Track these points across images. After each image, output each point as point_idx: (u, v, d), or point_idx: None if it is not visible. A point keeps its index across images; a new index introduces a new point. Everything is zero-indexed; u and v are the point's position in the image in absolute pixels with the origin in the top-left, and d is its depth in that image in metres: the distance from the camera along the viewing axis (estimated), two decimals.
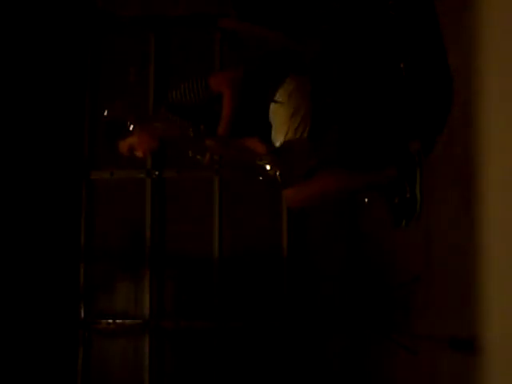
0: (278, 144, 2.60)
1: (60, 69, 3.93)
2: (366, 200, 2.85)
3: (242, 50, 3.43)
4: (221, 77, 2.63)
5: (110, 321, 3.95)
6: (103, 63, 4.08)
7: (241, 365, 3.90)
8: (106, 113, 2.67)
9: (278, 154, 2.56)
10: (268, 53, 2.94)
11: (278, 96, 2.57)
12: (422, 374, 2.57)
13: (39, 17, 3.82)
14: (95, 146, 4.04)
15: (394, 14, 2.46)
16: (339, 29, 3.02)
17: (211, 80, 2.59)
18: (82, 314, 3.95)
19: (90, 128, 4.04)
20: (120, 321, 3.95)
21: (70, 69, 3.99)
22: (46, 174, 3.82)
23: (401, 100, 2.53)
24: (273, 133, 2.62)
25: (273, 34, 3.09)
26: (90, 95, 4.04)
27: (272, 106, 2.58)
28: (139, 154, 2.64)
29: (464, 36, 2.09)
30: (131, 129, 2.57)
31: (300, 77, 2.63)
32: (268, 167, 2.51)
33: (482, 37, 1.89)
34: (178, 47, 4.11)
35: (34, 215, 3.73)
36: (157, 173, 3.95)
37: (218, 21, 3.25)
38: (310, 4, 3.15)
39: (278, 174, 2.51)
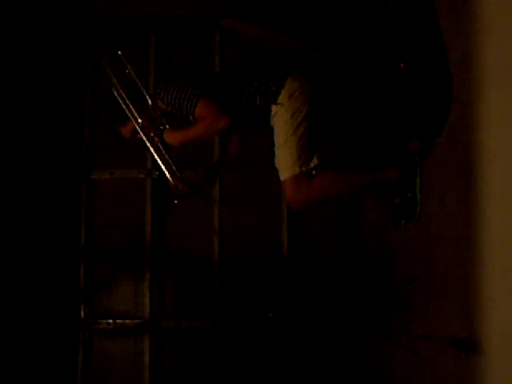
0: (279, 144, 2.61)
1: (60, 69, 3.93)
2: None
3: (241, 50, 3.43)
4: (210, 109, 2.52)
5: (110, 321, 3.95)
6: (102, 60, 4.07)
7: (241, 365, 3.91)
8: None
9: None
10: (269, 56, 2.94)
11: (280, 98, 2.56)
12: (422, 374, 2.57)
13: (39, 17, 3.82)
14: (95, 145, 4.04)
15: (394, 14, 2.46)
16: (339, 29, 3.02)
17: (200, 104, 2.52)
18: (82, 314, 3.95)
19: (90, 128, 4.04)
20: (120, 321, 3.95)
21: (70, 69, 3.99)
22: (46, 174, 3.82)
23: (401, 100, 2.53)
24: (274, 133, 2.63)
25: (273, 33, 3.09)
26: (90, 95, 4.04)
27: (273, 107, 2.58)
28: (139, 136, 2.64)
29: (464, 36, 2.09)
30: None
31: (300, 77, 2.63)
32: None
33: (482, 37, 1.89)
34: (178, 47, 4.11)
35: (35, 215, 3.73)
36: (157, 173, 3.95)
37: (221, 20, 3.25)
38: (310, 4, 3.15)
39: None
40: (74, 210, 3.99)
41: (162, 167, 2.61)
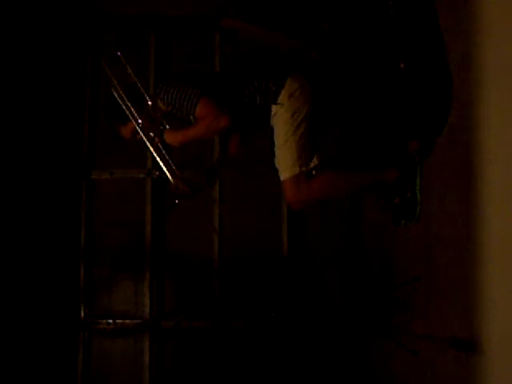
0: (279, 144, 2.60)
1: (60, 69, 3.93)
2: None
3: (241, 50, 3.43)
4: (210, 109, 2.52)
5: (110, 321, 3.95)
6: (101, 61, 4.07)
7: (241, 365, 3.91)
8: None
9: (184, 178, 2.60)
10: (269, 56, 2.94)
11: (280, 98, 2.56)
12: (422, 374, 2.57)
13: (39, 17, 3.82)
14: (95, 146, 4.04)
15: (394, 14, 2.46)
16: (339, 29, 3.02)
17: (200, 104, 2.52)
18: (82, 314, 3.95)
19: (90, 128, 4.04)
20: (120, 321, 3.95)
21: (70, 69, 3.99)
22: (46, 174, 3.82)
23: (401, 100, 2.53)
24: (274, 133, 2.63)
25: (273, 34, 3.09)
26: (90, 95, 4.04)
27: (273, 107, 2.58)
28: (139, 137, 2.64)
29: (464, 36, 2.09)
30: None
31: (300, 77, 2.62)
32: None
33: (482, 37, 1.89)
34: (178, 47, 4.11)
35: (35, 215, 3.73)
36: (157, 173, 3.95)
37: (221, 20, 3.25)
38: (310, 4, 3.15)
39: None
40: (74, 210, 3.99)
41: (163, 167, 2.61)
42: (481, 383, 1.87)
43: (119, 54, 2.63)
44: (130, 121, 2.60)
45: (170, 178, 2.60)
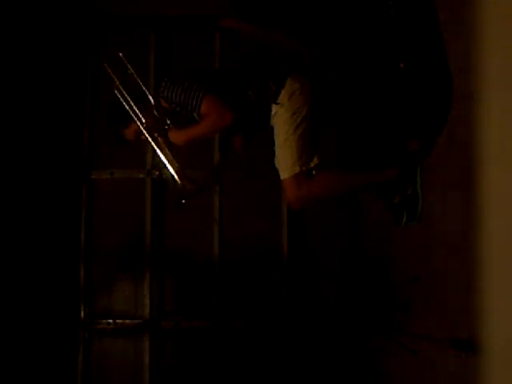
0: (279, 144, 2.60)
1: (60, 69, 3.93)
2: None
3: (241, 50, 3.42)
4: (215, 105, 2.53)
5: (110, 321, 3.95)
6: (103, 63, 4.07)
7: (241, 365, 3.90)
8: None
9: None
10: (269, 56, 2.94)
11: (280, 98, 2.56)
12: (422, 374, 2.57)
13: (39, 17, 3.82)
14: (95, 146, 4.04)
15: (394, 13, 2.46)
16: (339, 29, 3.02)
17: (205, 101, 2.53)
18: (82, 314, 3.95)
19: (90, 128, 4.04)
20: (120, 321, 3.95)
21: (70, 69, 3.99)
22: (46, 174, 3.82)
23: (400, 100, 2.53)
24: (275, 133, 2.63)
25: (272, 34, 3.09)
26: (90, 95, 4.04)
27: (274, 107, 2.58)
28: (143, 138, 2.64)
29: (464, 36, 2.09)
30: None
31: (301, 77, 2.63)
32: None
33: (482, 36, 1.89)
34: (178, 47, 4.11)
35: (35, 215, 3.73)
36: (157, 173, 3.95)
37: (219, 20, 3.24)
38: (310, 4, 3.15)
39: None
40: (74, 210, 3.99)
41: (169, 167, 2.60)
42: (481, 383, 1.87)
43: (121, 54, 2.63)
44: (133, 122, 2.60)
45: (177, 177, 2.60)
